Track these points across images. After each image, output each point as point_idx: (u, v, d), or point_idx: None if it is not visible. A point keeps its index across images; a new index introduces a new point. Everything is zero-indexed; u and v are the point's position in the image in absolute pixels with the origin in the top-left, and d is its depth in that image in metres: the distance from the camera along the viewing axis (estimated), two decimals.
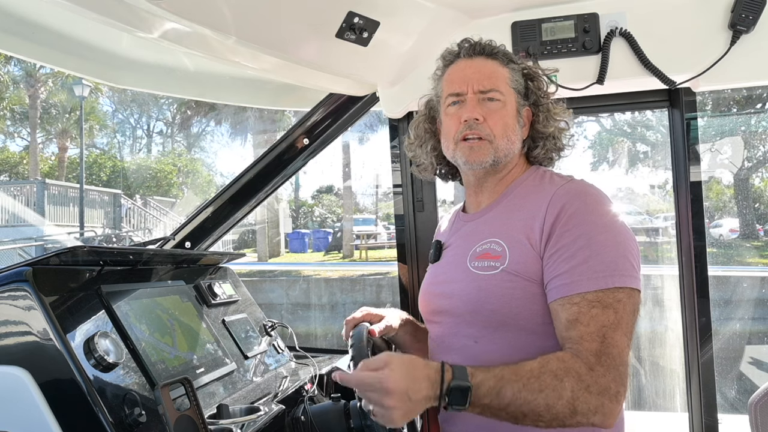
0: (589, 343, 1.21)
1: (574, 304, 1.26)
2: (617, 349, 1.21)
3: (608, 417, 1.18)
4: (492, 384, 1.16)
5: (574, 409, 1.16)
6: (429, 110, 1.66)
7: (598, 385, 1.17)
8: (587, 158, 18.01)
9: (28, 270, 1.33)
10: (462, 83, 1.49)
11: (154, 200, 23.40)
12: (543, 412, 1.16)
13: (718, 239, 14.18)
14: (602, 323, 1.22)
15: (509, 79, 1.50)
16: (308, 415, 1.61)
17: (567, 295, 1.27)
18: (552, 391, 1.15)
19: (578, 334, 1.23)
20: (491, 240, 1.43)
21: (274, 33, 1.80)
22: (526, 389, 1.15)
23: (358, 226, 21.12)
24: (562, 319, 1.27)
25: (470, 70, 1.50)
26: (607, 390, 1.17)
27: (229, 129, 26.80)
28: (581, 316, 1.24)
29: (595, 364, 1.19)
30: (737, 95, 12.35)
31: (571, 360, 1.20)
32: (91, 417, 1.23)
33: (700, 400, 1.98)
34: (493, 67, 1.50)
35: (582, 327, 1.23)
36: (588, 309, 1.24)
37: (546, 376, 1.17)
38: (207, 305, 1.91)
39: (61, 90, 24.14)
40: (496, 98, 1.47)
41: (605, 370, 1.18)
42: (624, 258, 1.29)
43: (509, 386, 1.16)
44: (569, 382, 1.16)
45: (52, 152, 26.72)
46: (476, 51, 1.53)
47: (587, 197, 1.36)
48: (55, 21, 1.98)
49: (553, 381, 1.16)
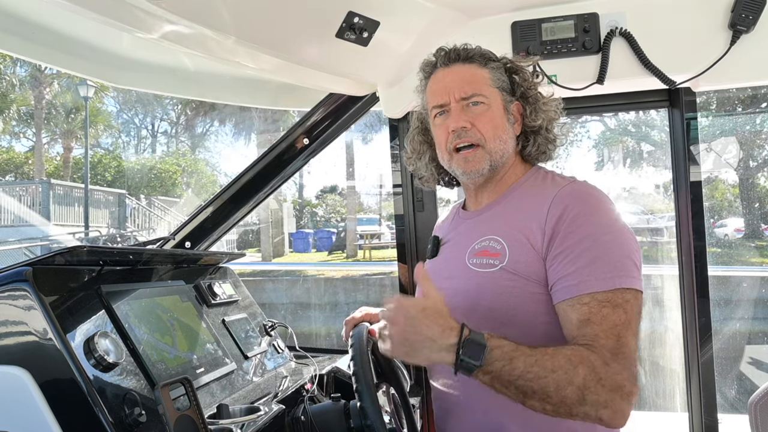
0: (605, 340, 1.20)
1: (584, 304, 1.25)
2: (629, 349, 1.21)
3: (617, 414, 1.16)
4: (507, 350, 1.14)
5: (584, 398, 1.13)
6: (421, 122, 1.66)
7: (612, 380, 1.15)
8: (592, 158, 17.97)
9: (28, 270, 1.33)
10: (443, 93, 1.50)
11: (158, 200, 23.43)
12: (552, 393, 1.13)
13: (723, 239, 14.11)
14: (614, 322, 1.22)
15: (490, 80, 1.50)
16: (308, 415, 1.61)
17: (576, 295, 1.27)
18: (564, 373, 1.13)
19: (592, 332, 1.22)
20: (490, 237, 1.43)
21: (274, 33, 1.81)
22: (538, 365, 1.13)
23: (362, 225, 21.11)
24: (573, 319, 1.26)
25: (449, 79, 1.51)
26: (621, 387, 1.16)
27: (233, 128, 26.87)
28: (593, 316, 1.23)
29: (611, 361, 1.17)
30: (742, 94, 12.29)
31: (586, 352, 1.18)
32: (91, 417, 1.23)
33: (700, 400, 1.98)
34: (472, 71, 1.50)
35: (595, 326, 1.22)
36: (599, 309, 1.24)
37: (560, 357, 1.15)
38: (207, 305, 1.91)
39: (67, 91, 24.21)
40: (480, 101, 1.47)
41: (621, 367, 1.17)
42: (628, 259, 1.29)
43: (523, 357, 1.14)
44: (582, 369, 1.14)
45: (57, 152, 26.77)
46: (452, 58, 1.53)
47: (590, 199, 1.36)
48: (55, 21, 1.99)
49: (567, 364, 1.14)
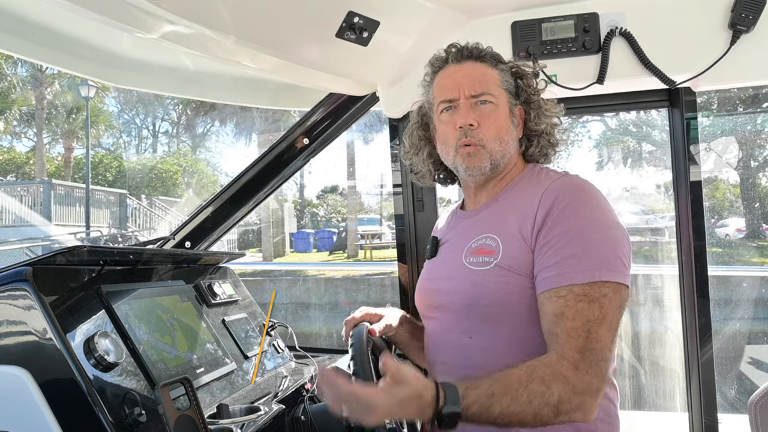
0: (575, 339, 1.21)
1: (561, 297, 1.26)
2: (600, 344, 1.22)
3: (588, 413, 1.19)
4: (482, 401, 1.15)
5: (558, 411, 1.16)
6: (421, 117, 1.66)
7: (582, 383, 1.18)
8: (593, 157, 17.96)
9: (28, 270, 1.33)
10: (453, 89, 1.49)
11: (159, 200, 23.45)
12: (530, 421, 1.16)
13: (724, 239, 14.10)
14: (587, 318, 1.23)
15: (500, 81, 1.50)
16: (308, 414, 1.61)
17: (554, 287, 1.27)
18: (540, 398, 1.16)
19: (564, 330, 1.23)
20: (486, 236, 1.43)
21: (274, 33, 1.81)
22: (515, 403, 1.15)
23: (363, 225, 21.11)
24: (549, 312, 1.27)
25: (460, 75, 1.50)
26: (589, 387, 1.18)
27: (234, 129, 26.89)
28: (567, 310, 1.24)
29: (579, 361, 1.19)
30: (743, 94, 12.27)
31: (557, 363, 1.20)
32: (91, 417, 1.24)
33: (700, 400, 1.97)
34: (483, 70, 1.51)
35: (568, 322, 1.23)
36: (574, 303, 1.24)
37: (534, 384, 1.16)
38: (207, 305, 1.92)
39: (68, 91, 24.24)
40: (488, 101, 1.47)
41: (588, 366, 1.19)
42: (613, 253, 1.29)
43: (498, 403, 1.15)
44: (556, 386, 1.16)
45: (58, 153, 26.80)
46: (464, 55, 1.53)
47: (580, 191, 1.36)
48: (55, 21, 1.99)
49: (541, 387, 1.16)
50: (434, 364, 1.55)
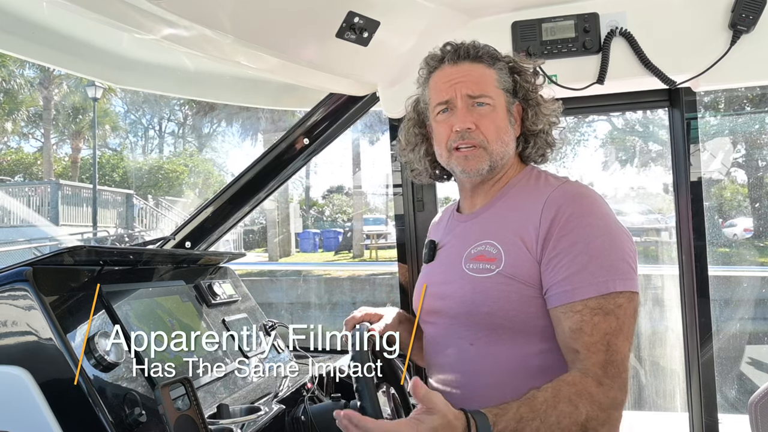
0: (596, 354, 1.22)
1: (577, 312, 1.26)
2: (620, 355, 1.23)
3: (614, 427, 1.22)
4: (512, 427, 1.13)
5: (586, 429, 1.17)
6: (418, 114, 1.63)
7: (608, 399, 1.19)
8: (599, 157, 17.88)
9: (28, 270, 1.34)
10: (449, 90, 1.47)
11: (165, 200, 23.51)
12: None
13: (732, 239, 14.01)
14: (605, 331, 1.23)
15: (497, 80, 1.48)
16: (308, 414, 1.61)
17: (569, 302, 1.27)
18: (568, 418, 1.16)
19: (584, 345, 1.24)
20: (486, 242, 1.42)
21: (274, 33, 1.81)
22: (544, 425, 1.15)
23: (369, 225, 21.08)
24: (565, 328, 1.27)
25: (457, 76, 1.47)
26: (614, 402, 1.20)
27: (240, 129, 26.93)
28: (584, 325, 1.24)
29: (602, 377, 1.20)
30: (751, 93, 12.18)
31: (581, 381, 1.20)
32: (91, 417, 1.25)
33: (700, 400, 1.97)
34: (480, 71, 1.48)
35: (586, 337, 1.24)
36: (590, 317, 1.24)
37: (561, 404, 1.16)
38: (207, 305, 1.92)
39: (75, 92, 24.33)
40: (485, 102, 1.45)
41: (611, 381, 1.20)
42: (622, 260, 1.29)
43: (528, 426, 1.14)
44: (584, 406, 1.17)
45: (65, 153, 26.92)
46: (461, 56, 1.49)
47: (582, 200, 1.35)
48: (55, 21, 1.99)
49: (569, 407, 1.16)
50: (433, 367, 1.55)
